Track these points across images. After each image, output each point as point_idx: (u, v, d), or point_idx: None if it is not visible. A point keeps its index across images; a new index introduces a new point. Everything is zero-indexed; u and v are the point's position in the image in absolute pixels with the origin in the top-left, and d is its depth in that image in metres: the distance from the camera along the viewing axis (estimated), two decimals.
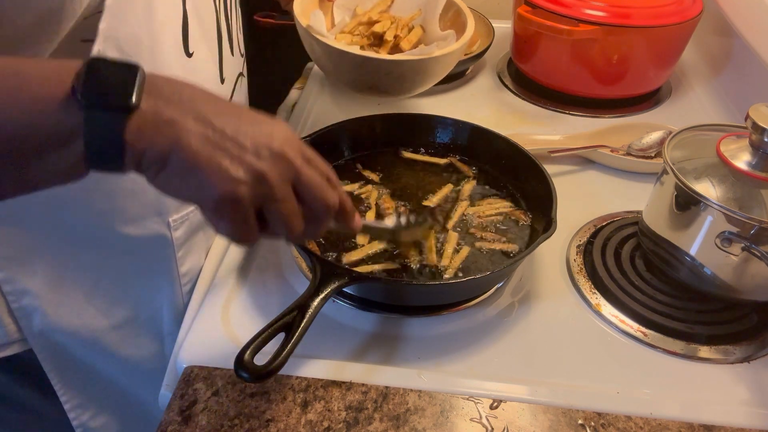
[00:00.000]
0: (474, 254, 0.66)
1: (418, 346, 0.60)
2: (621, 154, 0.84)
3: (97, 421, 0.74)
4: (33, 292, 0.61)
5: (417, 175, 0.77)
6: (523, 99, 1.00)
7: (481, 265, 0.64)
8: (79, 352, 0.68)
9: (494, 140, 0.76)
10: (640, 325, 0.62)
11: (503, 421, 0.53)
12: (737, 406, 0.55)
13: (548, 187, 0.67)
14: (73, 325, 0.65)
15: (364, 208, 0.71)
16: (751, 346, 0.61)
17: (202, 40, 0.61)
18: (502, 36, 1.07)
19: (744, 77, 0.96)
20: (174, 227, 0.64)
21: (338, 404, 0.54)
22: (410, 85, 0.79)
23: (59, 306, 0.63)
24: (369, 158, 0.78)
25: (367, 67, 0.74)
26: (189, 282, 0.69)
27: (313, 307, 0.53)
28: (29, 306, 0.61)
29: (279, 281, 0.66)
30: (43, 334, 0.64)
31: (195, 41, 0.59)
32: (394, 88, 0.80)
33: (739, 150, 0.60)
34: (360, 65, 0.74)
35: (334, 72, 0.80)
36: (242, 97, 0.78)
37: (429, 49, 0.75)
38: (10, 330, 0.62)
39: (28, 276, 0.60)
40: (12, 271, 0.59)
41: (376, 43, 0.84)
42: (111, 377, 0.72)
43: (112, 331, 0.68)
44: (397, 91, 0.81)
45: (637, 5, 0.89)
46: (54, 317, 0.63)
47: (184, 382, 0.55)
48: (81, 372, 0.69)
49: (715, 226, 0.58)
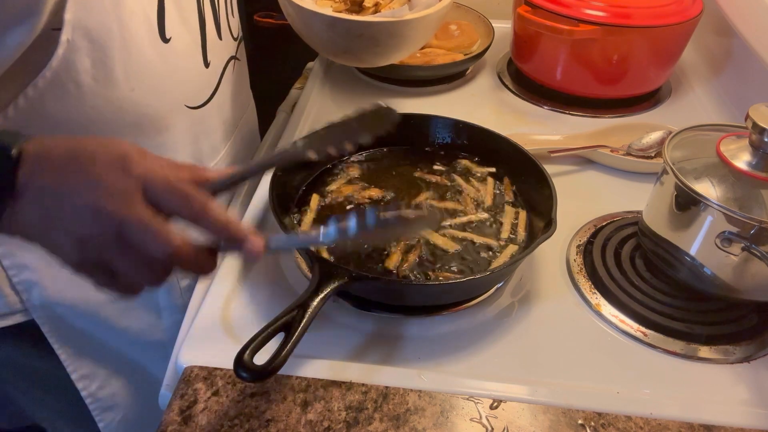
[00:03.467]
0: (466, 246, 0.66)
1: (418, 346, 0.60)
2: (621, 154, 0.84)
3: (106, 390, 0.75)
4: (31, 267, 0.63)
5: (405, 179, 0.76)
6: (523, 99, 1.00)
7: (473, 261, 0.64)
8: (80, 324, 0.69)
9: (494, 140, 0.76)
10: (640, 325, 0.62)
11: (503, 421, 0.53)
12: (737, 406, 0.55)
13: (548, 187, 0.67)
14: (72, 298, 0.66)
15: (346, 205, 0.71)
16: (751, 346, 0.61)
17: (181, 25, 0.61)
18: (502, 36, 1.07)
19: (744, 77, 0.96)
20: None
21: (338, 404, 0.54)
22: (383, 50, 0.78)
23: (56, 280, 0.64)
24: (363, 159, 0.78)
25: (337, 29, 0.74)
26: (183, 274, 0.70)
27: (312, 306, 0.53)
28: (28, 280, 0.63)
29: (279, 281, 0.66)
30: (44, 307, 0.66)
31: (173, 26, 0.59)
32: (368, 54, 0.79)
33: (739, 150, 0.60)
34: (331, 26, 0.74)
35: (308, 36, 0.79)
36: (239, 79, 0.79)
37: (402, 12, 0.74)
38: (12, 300, 0.64)
39: (25, 250, 0.61)
40: (10, 245, 0.61)
41: (356, 9, 0.83)
42: (115, 348, 0.73)
43: (109, 304, 0.69)
44: (371, 56, 0.80)
45: (637, 5, 0.89)
46: (52, 291, 0.65)
47: (184, 382, 0.55)
48: (84, 343, 0.71)
49: (715, 226, 0.58)
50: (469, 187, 0.74)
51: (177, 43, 0.61)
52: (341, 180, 0.74)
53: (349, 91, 1.00)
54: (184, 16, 0.62)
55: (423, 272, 0.63)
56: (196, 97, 0.68)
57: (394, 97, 0.98)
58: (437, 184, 0.75)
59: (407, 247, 0.65)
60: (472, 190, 0.74)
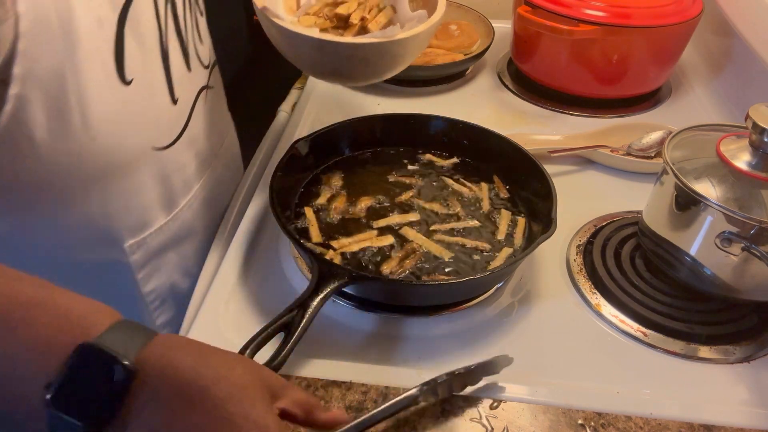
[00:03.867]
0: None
1: (418, 346, 0.60)
2: (621, 154, 0.84)
3: None
4: None
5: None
6: (523, 99, 1.00)
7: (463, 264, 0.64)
8: None
9: (494, 140, 0.76)
10: (640, 325, 0.62)
11: (503, 421, 0.53)
12: (737, 406, 0.55)
13: (548, 187, 0.67)
14: None
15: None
16: (751, 346, 0.61)
17: (143, 63, 0.56)
18: (502, 36, 1.07)
19: (744, 77, 0.96)
20: (130, 252, 0.63)
21: (338, 404, 0.53)
22: (375, 69, 0.74)
23: None
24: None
25: (326, 51, 0.69)
26: (156, 299, 0.68)
27: (312, 306, 0.53)
28: None
29: (279, 281, 0.66)
30: None
31: (134, 65, 0.54)
32: (358, 73, 0.75)
33: (739, 150, 0.60)
34: (319, 49, 0.69)
35: (293, 57, 0.74)
36: (213, 108, 0.72)
37: (393, 31, 0.69)
38: None
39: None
40: None
41: (341, 25, 0.78)
42: None
43: None
44: (362, 76, 0.76)
45: (637, 5, 0.89)
46: None
47: None
48: None
49: (715, 226, 0.58)
50: (461, 189, 0.74)
51: (139, 84, 0.55)
52: (326, 192, 0.72)
53: (349, 90, 1.00)
54: (146, 53, 0.56)
55: (416, 276, 0.63)
56: (164, 137, 0.62)
57: (394, 97, 0.98)
58: (425, 186, 0.75)
59: (406, 253, 0.65)
60: (465, 191, 0.74)
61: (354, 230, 0.67)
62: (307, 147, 0.73)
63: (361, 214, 0.70)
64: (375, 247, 0.65)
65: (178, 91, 0.62)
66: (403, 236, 0.67)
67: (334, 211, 0.70)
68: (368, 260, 0.64)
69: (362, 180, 0.75)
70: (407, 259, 0.64)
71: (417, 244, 0.66)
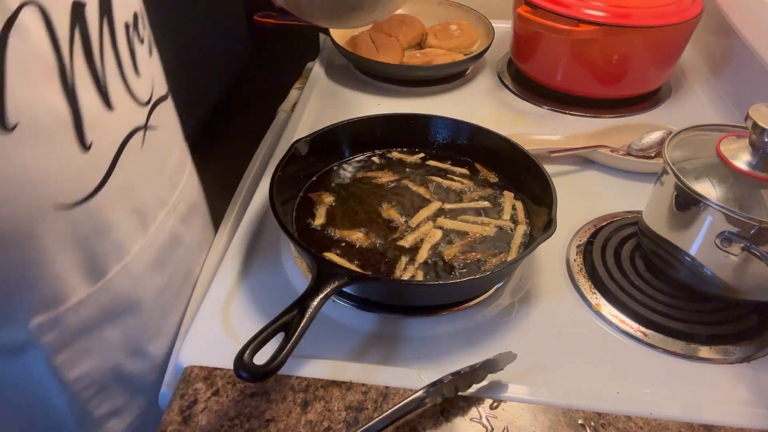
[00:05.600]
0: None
1: (418, 346, 0.60)
2: (621, 154, 0.84)
3: None
4: None
5: None
6: (523, 99, 1.00)
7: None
8: None
9: (494, 140, 0.76)
10: (640, 325, 0.62)
11: (503, 421, 0.53)
12: (737, 406, 0.55)
13: (548, 187, 0.67)
14: None
15: None
16: (751, 346, 0.61)
17: (35, 103, 0.45)
18: (502, 36, 1.08)
19: (744, 77, 0.96)
20: (38, 332, 0.51)
21: (338, 404, 0.54)
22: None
23: None
24: None
25: None
26: (89, 387, 0.57)
27: (312, 306, 0.53)
28: None
29: (279, 281, 0.66)
30: None
31: (20, 105, 0.43)
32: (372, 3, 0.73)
33: (739, 150, 0.60)
34: None
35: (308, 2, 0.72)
36: (157, 152, 0.59)
37: None
38: None
39: None
40: None
41: None
42: None
43: None
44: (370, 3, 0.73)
45: (637, 5, 0.89)
46: None
47: (184, 382, 0.55)
48: None
49: (715, 226, 0.58)
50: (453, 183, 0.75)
51: (28, 129, 0.44)
52: (321, 210, 0.71)
53: (349, 91, 1.00)
54: (37, 90, 0.44)
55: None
56: (72, 192, 0.50)
57: (394, 97, 0.99)
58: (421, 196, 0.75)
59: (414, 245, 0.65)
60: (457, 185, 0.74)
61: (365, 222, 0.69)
62: (307, 147, 0.73)
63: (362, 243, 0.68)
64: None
65: (91, 134, 0.49)
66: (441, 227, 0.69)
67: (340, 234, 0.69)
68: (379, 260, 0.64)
69: (359, 191, 0.75)
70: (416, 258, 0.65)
71: None
